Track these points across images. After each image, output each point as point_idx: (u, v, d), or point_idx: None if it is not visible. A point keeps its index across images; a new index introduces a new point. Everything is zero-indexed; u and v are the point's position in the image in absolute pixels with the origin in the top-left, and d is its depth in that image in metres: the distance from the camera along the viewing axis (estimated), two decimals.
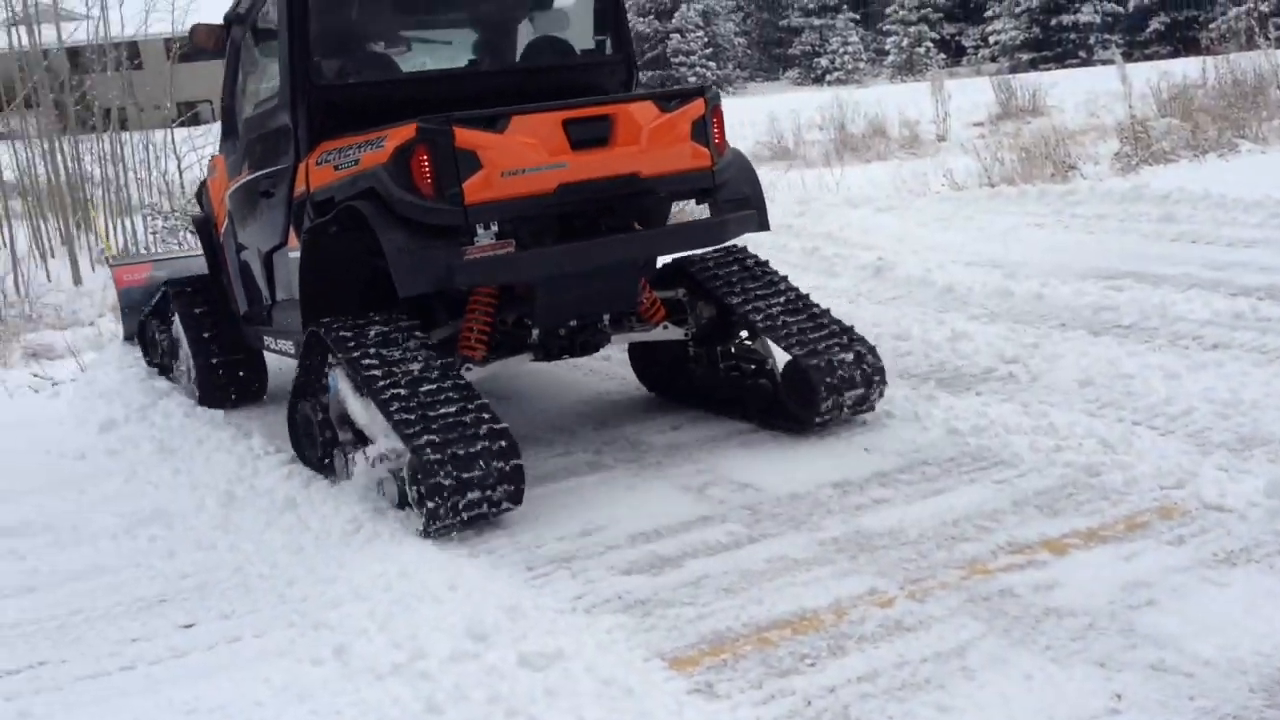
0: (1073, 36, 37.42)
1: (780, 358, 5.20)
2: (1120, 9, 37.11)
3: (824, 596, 3.61)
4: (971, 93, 19.93)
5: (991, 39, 39.69)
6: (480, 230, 4.56)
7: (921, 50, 40.50)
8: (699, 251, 5.48)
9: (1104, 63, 32.22)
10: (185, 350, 6.51)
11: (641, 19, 41.80)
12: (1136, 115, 12.65)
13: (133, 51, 15.09)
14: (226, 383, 6.37)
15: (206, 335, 6.36)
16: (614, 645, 3.39)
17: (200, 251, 6.82)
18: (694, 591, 3.73)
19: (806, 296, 5.36)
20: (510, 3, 5.85)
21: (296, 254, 5.24)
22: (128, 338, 7.58)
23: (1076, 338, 5.93)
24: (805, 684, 3.13)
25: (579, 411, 5.79)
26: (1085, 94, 18.19)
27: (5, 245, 12.20)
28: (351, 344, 4.61)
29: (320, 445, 4.97)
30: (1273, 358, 5.35)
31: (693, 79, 40.95)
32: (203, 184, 6.93)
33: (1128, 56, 22.62)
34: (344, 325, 4.72)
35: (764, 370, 5.35)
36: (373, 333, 4.67)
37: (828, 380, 4.91)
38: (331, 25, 5.25)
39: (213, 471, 5.18)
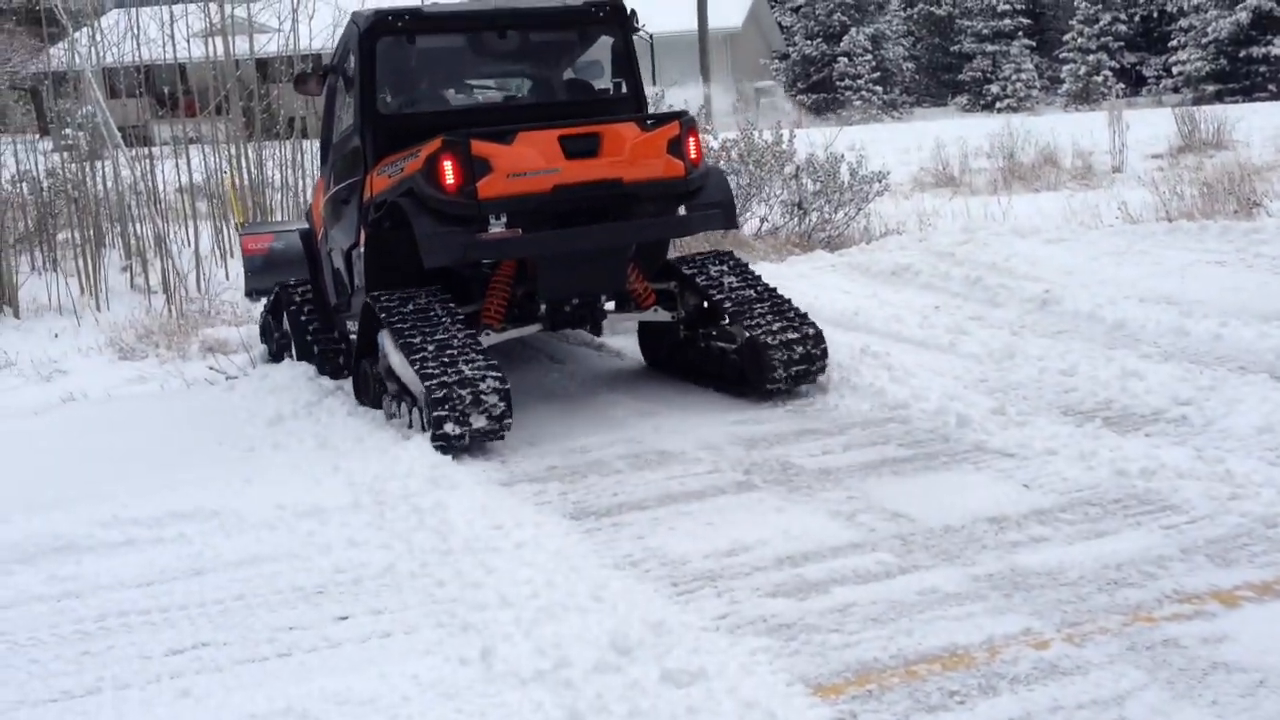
0: (1263, 69, 35.80)
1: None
2: None
3: (976, 634, 3.50)
4: (1151, 124, 19.21)
5: (1175, 69, 38.25)
6: (493, 220, 5.79)
7: (1099, 79, 39.25)
8: (695, 253, 7.06)
9: None
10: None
11: (809, 42, 41.62)
12: None
13: (316, 62, 15.66)
14: (320, 355, 7.42)
15: (306, 323, 7.57)
16: (757, 667, 3.36)
17: None
18: (841, 619, 3.66)
19: (774, 290, 6.53)
20: (546, 58, 7.20)
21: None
22: (248, 294, 8.94)
23: (1258, 382, 5.63)
24: None
25: (729, 430, 5.76)
26: (1275, 128, 17.37)
27: (190, 244, 12.81)
28: (394, 312, 5.97)
29: (373, 394, 6.32)
30: None
31: (858, 103, 40.53)
32: (310, 205, 8.26)
33: None
34: (390, 297, 6.10)
35: (738, 348, 6.35)
36: (411, 304, 6.04)
37: (778, 360, 6.05)
38: (392, 69, 6.60)
39: (369, 470, 5.32)
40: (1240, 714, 2.98)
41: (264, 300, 8.54)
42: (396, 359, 5.87)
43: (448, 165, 5.78)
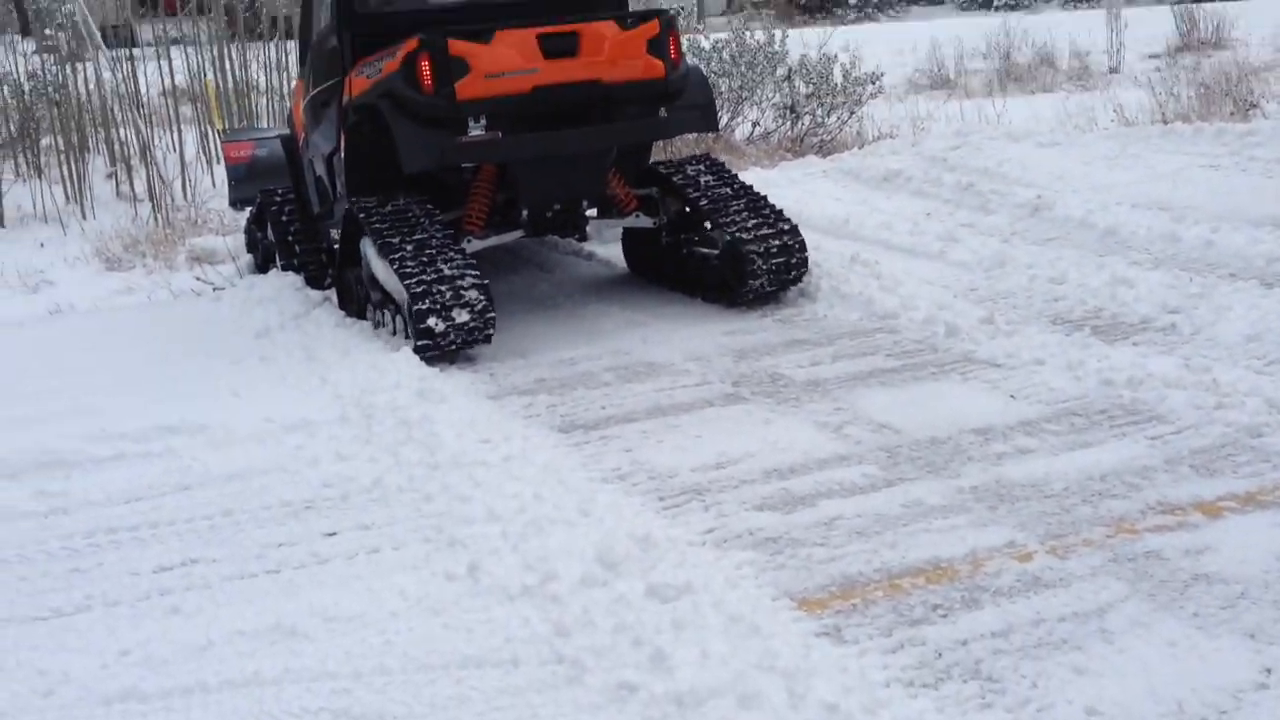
0: None
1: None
2: None
3: (960, 546, 3.53)
4: (1150, 23, 18.87)
5: None
6: (472, 123, 5.72)
7: None
8: (677, 157, 7.07)
9: None
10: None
11: None
12: None
13: None
14: (300, 260, 7.40)
15: (289, 230, 7.51)
16: (743, 581, 3.38)
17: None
18: (826, 532, 3.68)
19: (751, 189, 6.49)
20: None
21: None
22: (232, 204, 8.75)
23: (1247, 289, 5.61)
24: (936, 635, 3.07)
25: (717, 341, 5.75)
26: (1275, 26, 17.09)
27: (175, 150, 12.63)
28: (376, 218, 5.92)
29: (358, 302, 6.28)
30: None
31: (853, 1, 39.77)
32: (290, 110, 8.11)
33: None
34: (372, 204, 6.02)
35: (719, 254, 6.30)
36: (392, 209, 5.98)
37: (755, 256, 6.01)
38: None
39: (356, 383, 5.30)
40: (1220, 625, 3.01)
41: (249, 210, 8.44)
42: (379, 264, 5.84)
43: (425, 65, 5.68)
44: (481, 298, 5.54)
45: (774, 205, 6.40)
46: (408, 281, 5.54)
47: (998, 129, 10.92)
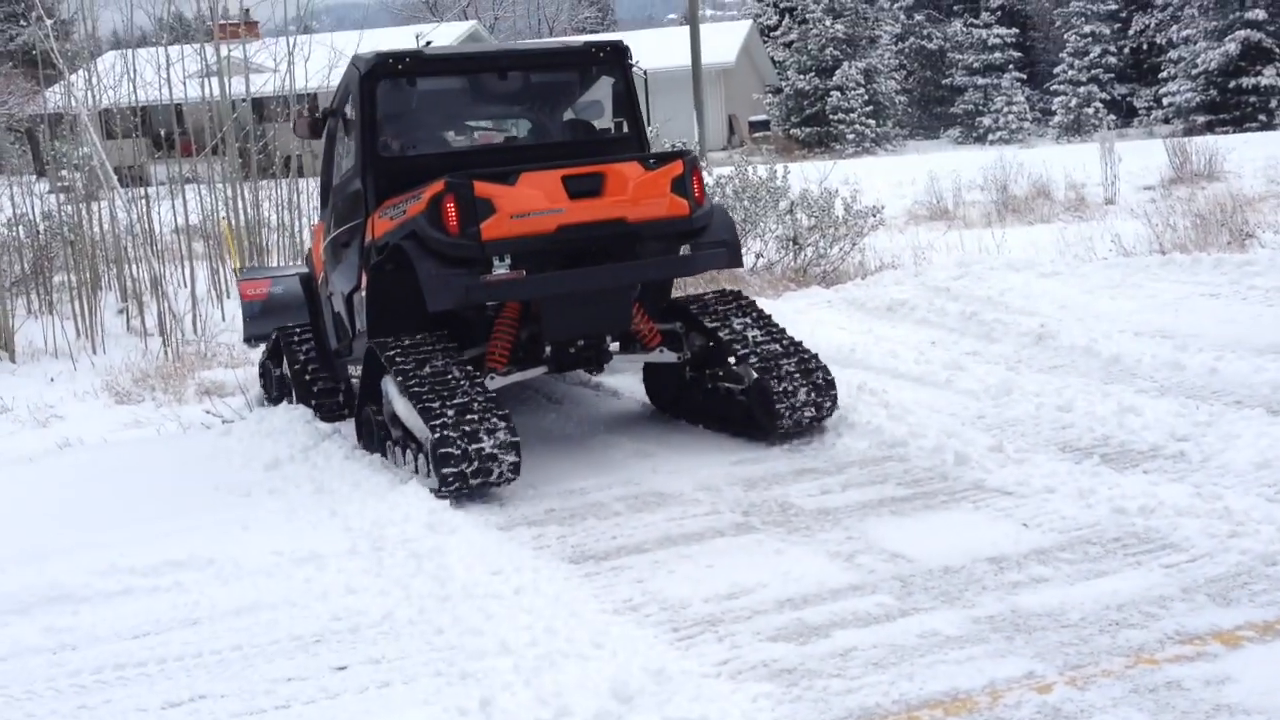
0: (1253, 99, 35.99)
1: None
2: None
3: (978, 678, 3.49)
4: (1143, 155, 19.28)
5: (1165, 100, 38.46)
6: (496, 262, 5.73)
7: (1090, 111, 39.44)
8: (701, 292, 7.11)
9: None
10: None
11: (802, 76, 41.79)
12: None
13: (313, 104, 15.77)
14: (317, 399, 7.50)
15: (305, 366, 7.61)
16: (759, 715, 3.34)
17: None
18: (842, 663, 3.64)
19: (782, 330, 6.47)
20: (547, 98, 7.19)
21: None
22: (246, 340, 8.90)
23: (1254, 416, 5.63)
24: None
25: (727, 472, 5.75)
26: (1265, 159, 17.44)
27: (186, 285, 12.82)
28: (398, 356, 5.93)
29: (377, 440, 6.26)
30: None
31: (851, 136, 40.68)
32: (309, 249, 8.20)
33: None
34: (394, 343, 6.04)
35: (745, 390, 6.28)
36: (413, 347, 5.99)
37: (785, 399, 5.98)
38: (393, 112, 6.59)
39: (365, 516, 5.30)
40: None
41: (262, 346, 8.55)
42: (400, 403, 5.81)
43: (450, 207, 5.74)
44: (507, 436, 5.49)
45: (806, 348, 6.34)
46: (431, 421, 5.49)
47: (998, 259, 11.08)
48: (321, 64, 14.11)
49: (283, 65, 14.12)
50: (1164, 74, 38.99)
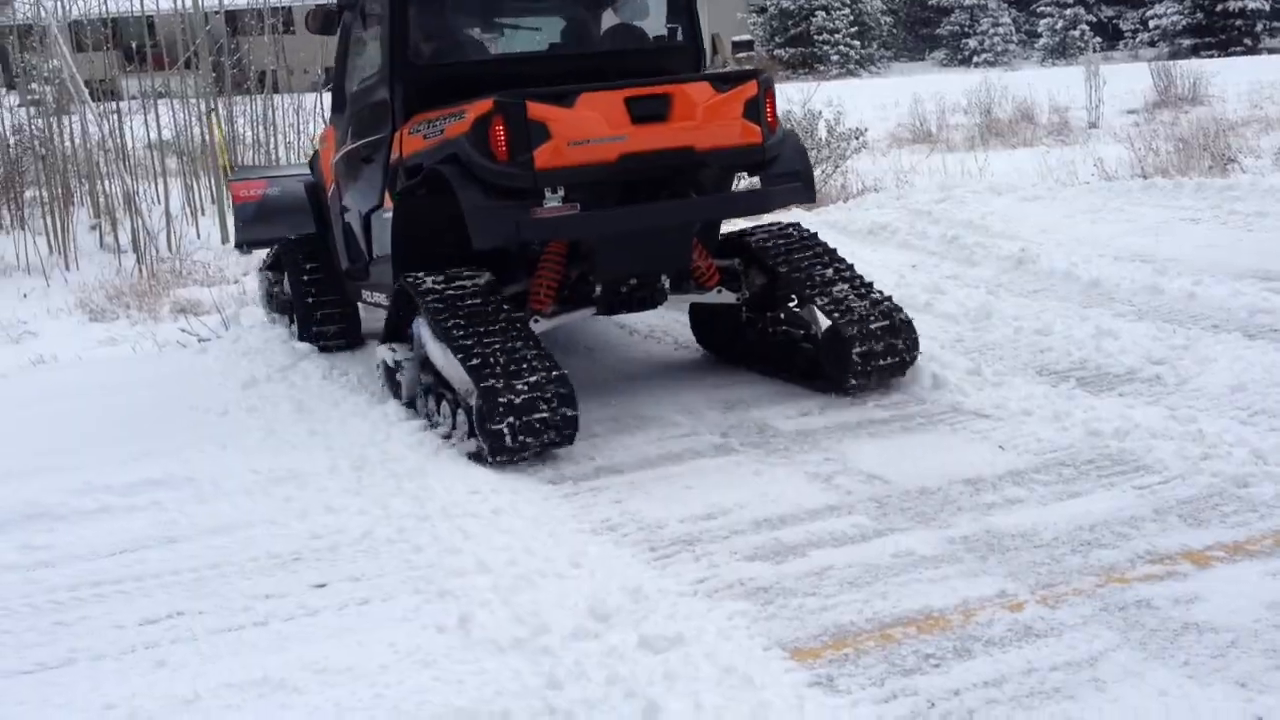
0: (1239, 23, 35.79)
1: (824, 323, 5.66)
2: None
3: (951, 596, 3.53)
4: (1128, 79, 19.19)
5: (1152, 23, 38.19)
6: (549, 193, 5.06)
7: (1076, 33, 39.12)
8: (756, 224, 6.26)
9: (1271, 51, 30.79)
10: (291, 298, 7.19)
11: None
12: None
13: (287, 18, 15.47)
14: (321, 324, 6.96)
15: (310, 286, 6.99)
16: (735, 632, 3.37)
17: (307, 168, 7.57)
18: (817, 582, 3.68)
19: (851, 268, 5.82)
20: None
21: (389, 214, 5.86)
22: (238, 246, 8.28)
23: (1230, 340, 5.68)
24: (929, 685, 3.07)
25: (707, 395, 5.76)
26: (1249, 84, 17.40)
27: (160, 202, 12.66)
28: (433, 297, 5.26)
29: (405, 387, 5.56)
30: None
31: (835, 57, 40.34)
32: (315, 153, 7.49)
33: None
34: (429, 279, 5.37)
35: (809, 335, 5.78)
36: (453, 288, 5.31)
37: (861, 346, 5.37)
38: (427, 12, 5.86)
39: (346, 435, 5.29)
40: (1211, 674, 3.01)
41: (256, 253, 8.02)
42: (436, 350, 5.23)
43: (500, 130, 5.02)
44: (561, 390, 4.88)
45: (881, 290, 5.75)
46: (478, 377, 4.87)
47: (980, 183, 11.05)
48: None
49: None
50: None
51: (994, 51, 41.36)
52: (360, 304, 6.91)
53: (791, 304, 5.93)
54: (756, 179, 5.65)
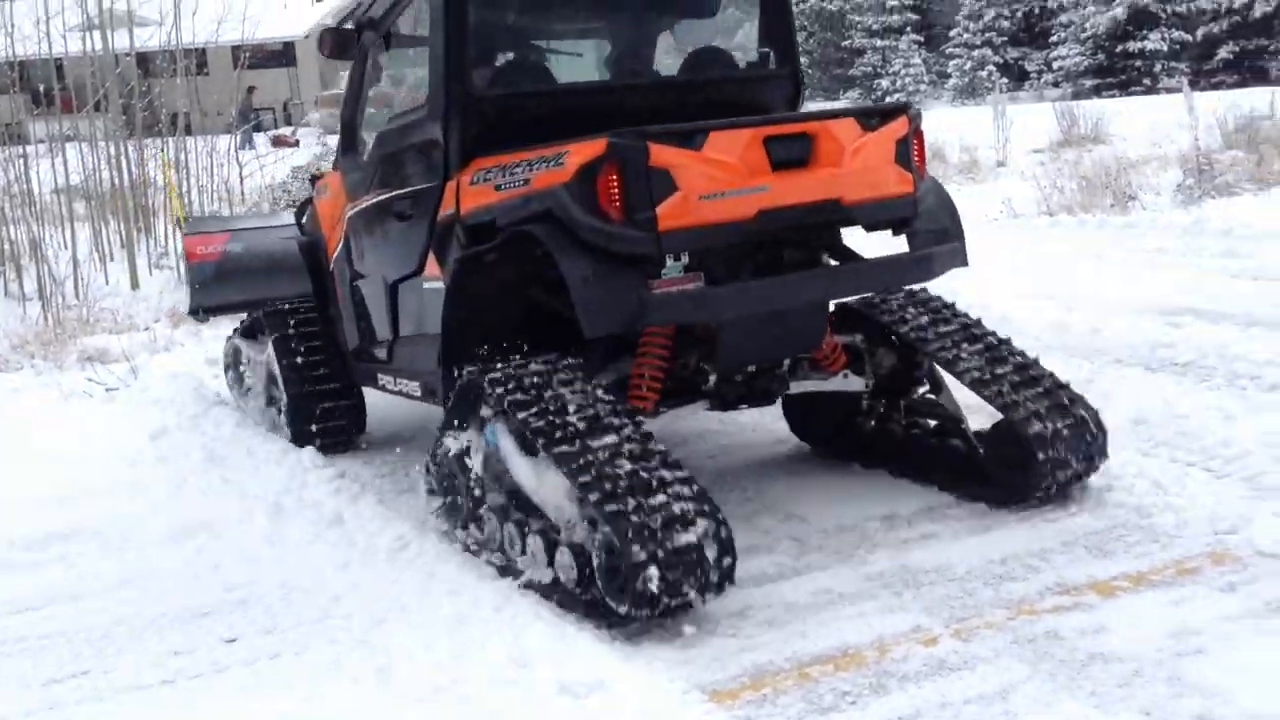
0: (1138, 64, 36.94)
1: (974, 412, 4.71)
2: (1188, 37, 36.57)
3: (868, 633, 3.57)
4: (1033, 118, 19.70)
5: (1056, 64, 39.27)
6: (670, 261, 4.03)
7: (984, 74, 40.14)
8: (878, 295, 4.94)
9: (1170, 91, 31.74)
10: (278, 380, 5.87)
11: None
12: (1201, 146, 12.45)
13: (200, 59, 15.31)
14: (321, 420, 5.79)
15: (307, 370, 5.78)
16: (655, 676, 3.37)
17: (281, 221, 6.43)
18: (738, 623, 3.70)
19: (1008, 343, 4.77)
20: (686, 15, 5.47)
21: (435, 284, 4.74)
22: (192, 312, 7.24)
23: (1132, 375, 5.85)
24: None
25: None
26: (1149, 123, 17.95)
27: (67, 247, 12.40)
28: (517, 394, 4.00)
29: (467, 509, 4.35)
30: None
31: None
32: (306, 204, 6.42)
33: (1194, 85, 22.37)
34: (509, 372, 4.11)
35: (956, 429, 4.76)
36: (538, 381, 4.06)
37: (1049, 452, 4.30)
38: (488, 30, 4.83)
39: (261, 482, 5.22)
40: (1118, 703, 3.08)
41: (213, 320, 7.00)
42: (524, 469, 4.02)
43: (614, 179, 3.89)
44: (714, 525, 3.65)
45: (1055, 375, 4.65)
46: (609, 513, 3.58)
47: None
48: (209, 17, 13.71)
49: (169, 19, 13.66)
50: (1054, 38, 39.79)
51: (905, 91, 42.21)
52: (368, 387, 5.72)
53: (923, 389, 4.97)
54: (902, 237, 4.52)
